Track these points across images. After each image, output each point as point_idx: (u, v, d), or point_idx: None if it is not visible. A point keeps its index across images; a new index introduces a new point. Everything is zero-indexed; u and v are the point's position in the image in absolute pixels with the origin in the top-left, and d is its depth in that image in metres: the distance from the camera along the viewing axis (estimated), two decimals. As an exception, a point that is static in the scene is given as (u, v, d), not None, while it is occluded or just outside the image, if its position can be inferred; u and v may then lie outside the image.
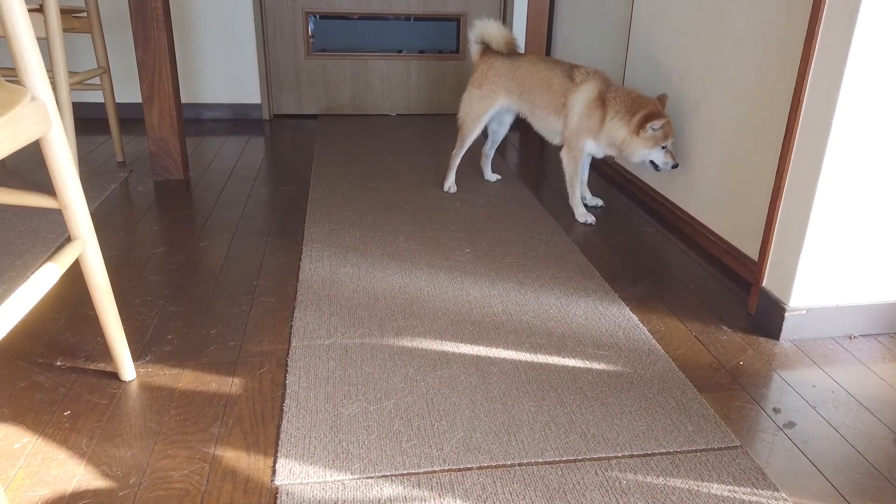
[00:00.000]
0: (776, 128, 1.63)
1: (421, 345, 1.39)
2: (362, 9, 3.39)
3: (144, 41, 2.27)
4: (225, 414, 1.17)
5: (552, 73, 2.12)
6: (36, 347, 1.35)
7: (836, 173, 1.33)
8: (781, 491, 1.02)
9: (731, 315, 1.57)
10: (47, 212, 2.02)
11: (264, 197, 2.30)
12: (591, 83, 2.06)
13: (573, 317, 1.53)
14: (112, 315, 1.21)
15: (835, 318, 1.47)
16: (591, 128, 2.05)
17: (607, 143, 2.06)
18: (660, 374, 1.31)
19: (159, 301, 1.56)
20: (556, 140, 2.20)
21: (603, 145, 2.08)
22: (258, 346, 1.38)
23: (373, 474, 1.03)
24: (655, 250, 1.94)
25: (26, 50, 0.98)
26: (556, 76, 2.12)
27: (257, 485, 1.01)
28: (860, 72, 1.25)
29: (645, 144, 1.98)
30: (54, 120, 1.04)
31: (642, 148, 1.99)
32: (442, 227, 2.04)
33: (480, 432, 1.13)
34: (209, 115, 3.45)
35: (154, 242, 1.89)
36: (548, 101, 2.13)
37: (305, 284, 1.65)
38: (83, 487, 1.00)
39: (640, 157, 2.02)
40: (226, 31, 3.29)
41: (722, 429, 1.16)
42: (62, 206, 1.10)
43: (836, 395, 1.28)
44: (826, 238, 1.39)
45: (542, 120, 2.19)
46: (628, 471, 1.05)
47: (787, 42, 1.58)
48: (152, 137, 2.40)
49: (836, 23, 1.26)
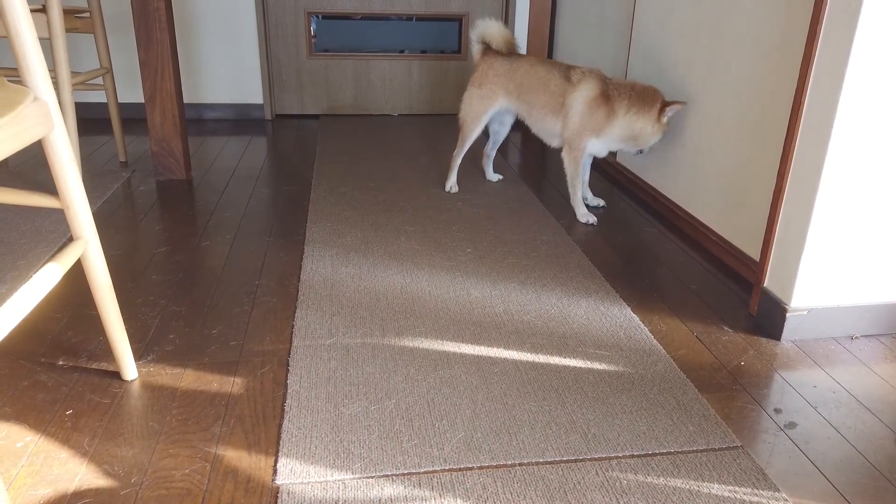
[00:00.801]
0: (778, 128, 1.63)
1: (422, 345, 1.40)
2: (364, 9, 3.40)
3: (147, 41, 2.27)
4: (226, 413, 1.17)
5: (550, 75, 2.12)
6: (38, 347, 1.36)
7: (838, 173, 1.33)
8: (782, 491, 1.02)
9: (733, 315, 1.57)
10: (50, 212, 2.02)
11: (266, 197, 2.30)
12: (588, 82, 2.06)
13: (574, 317, 1.53)
14: (114, 315, 1.21)
15: (836, 319, 1.47)
16: (595, 126, 2.05)
17: (621, 137, 2.06)
18: (661, 375, 1.31)
19: (161, 301, 1.56)
20: (554, 143, 2.20)
21: (612, 140, 2.08)
22: (260, 346, 1.38)
23: (374, 474, 1.03)
24: (657, 250, 1.94)
25: (29, 50, 0.98)
26: (553, 77, 2.12)
27: (258, 484, 1.01)
28: (862, 72, 1.25)
29: (662, 130, 2.02)
30: (56, 120, 1.04)
31: (659, 133, 2.03)
32: (443, 228, 2.04)
33: (481, 432, 1.13)
34: (211, 115, 3.45)
35: (156, 242, 1.90)
36: (545, 102, 2.13)
37: (307, 284, 1.65)
38: (85, 486, 1.00)
39: (652, 143, 2.07)
40: (228, 32, 3.30)
41: (723, 429, 1.16)
42: (64, 206, 1.10)
43: (838, 395, 1.28)
44: (827, 238, 1.39)
45: (539, 122, 2.19)
46: (629, 471, 1.05)
47: (788, 42, 1.58)
48: (154, 137, 2.40)
49: (838, 22, 1.26)
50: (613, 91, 2.03)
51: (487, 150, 2.50)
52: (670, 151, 2.17)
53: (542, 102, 2.14)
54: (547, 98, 2.13)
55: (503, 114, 2.33)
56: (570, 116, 2.08)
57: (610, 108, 2.03)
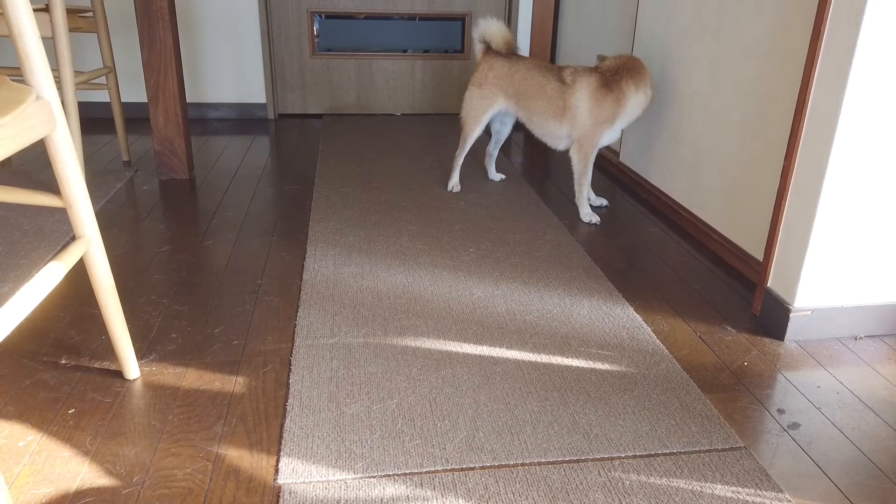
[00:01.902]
0: (781, 128, 1.62)
1: (424, 344, 1.39)
2: (367, 8, 3.40)
3: (150, 41, 2.27)
4: (228, 413, 1.17)
5: (545, 80, 2.13)
6: (40, 346, 1.36)
7: (841, 174, 1.33)
8: (785, 492, 1.02)
9: (736, 316, 1.57)
10: (52, 211, 2.03)
11: (269, 196, 2.30)
12: (584, 78, 2.06)
13: (577, 317, 1.52)
14: (116, 314, 1.21)
15: (840, 319, 1.46)
16: (609, 115, 2.05)
17: (635, 115, 2.09)
18: (664, 375, 1.31)
19: (163, 300, 1.56)
20: (560, 145, 2.19)
21: (626, 122, 2.10)
22: (262, 346, 1.38)
23: (375, 474, 1.03)
24: (660, 250, 1.93)
25: (31, 49, 0.98)
26: (549, 82, 2.13)
27: (260, 483, 1.01)
28: (866, 72, 1.25)
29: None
30: (59, 119, 1.04)
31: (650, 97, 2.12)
32: (446, 227, 2.04)
33: (483, 432, 1.13)
34: (214, 115, 3.46)
35: (159, 241, 1.90)
36: (545, 108, 2.14)
37: (309, 284, 1.65)
38: (87, 485, 1.00)
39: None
40: (231, 31, 3.30)
41: (726, 429, 1.15)
42: (67, 205, 1.10)
43: (841, 396, 1.28)
44: (831, 239, 1.39)
45: (541, 127, 2.19)
46: (631, 471, 1.05)
47: (792, 42, 1.57)
48: (157, 137, 2.41)
49: (842, 23, 1.26)
50: (609, 76, 2.03)
51: (490, 149, 2.50)
52: (674, 151, 2.16)
53: (542, 108, 2.14)
54: (546, 103, 2.13)
55: (504, 114, 2.33)
56: (579, 116, 2.07)
57: (617, 92, 2.03)
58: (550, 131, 2.17)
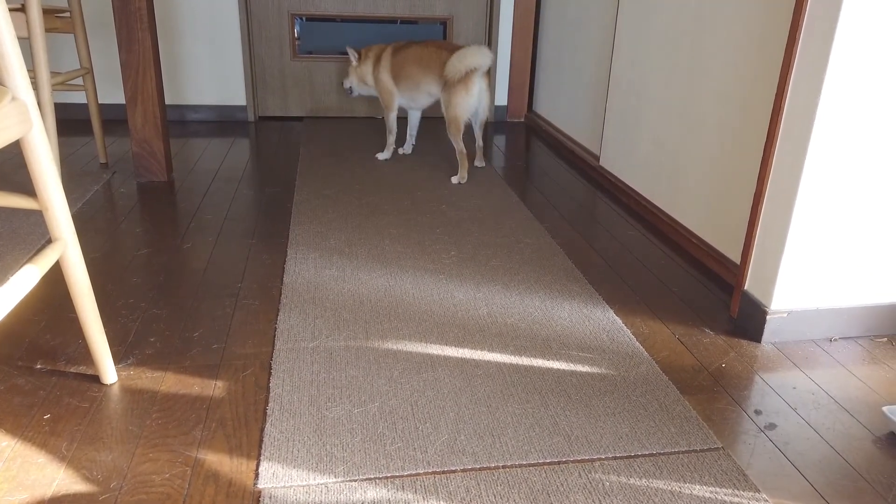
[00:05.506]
0: (758, 133, 1.65)
1: (406, 347, 1.39)
2: (348, 11, 3.39)
3: (128, 42, 2.25)
4: (207, 417, 1.16)
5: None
6: (15, 350, 1.34)
7: (817, 178, 1.35)
8: (762, 492, 1.03)
9: (714, 318, 1.59)
10: (28, 213, 2.00)
11: (249, 199, 2.28)
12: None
13: (558, 319, 1.53)
14: (93, 317, 1.19)
15: (815, 321, 1.49)
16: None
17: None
18: (643, 377, 1.32)
19: (142, 303, 1.55)
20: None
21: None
22: (242, 349, 1.37)
23: (356, 477, 1.03)
24: (639, 254, 1.95)
25: (7, 49, 0.97)
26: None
27: (240, 488, 1.01)
28: (840, 78, 1.27)
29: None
30: (35, 120, 1.03)
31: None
32: (427, 230, 2.04)
33: (465, 435, 1.13)
34: (194, 117, 3.43)
35: (137, 244, 1.88)
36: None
37: (290, 287, 1.64)
38: (63, 492, 0.99)
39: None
40: (211, 33, 3.28)
41: (704, 430, 1.17)
42: (43, 208, 1.09)
43: (817, 396, 1.30)
44: (807, 242, 1.41)
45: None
46: (611, 472, 1.06)
47: (768, 48, 1.60)
48: (136, 139, 2.38)
49: (817, 30, 1.28)
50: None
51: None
52: (653, 156, 2.19)
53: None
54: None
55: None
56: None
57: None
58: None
